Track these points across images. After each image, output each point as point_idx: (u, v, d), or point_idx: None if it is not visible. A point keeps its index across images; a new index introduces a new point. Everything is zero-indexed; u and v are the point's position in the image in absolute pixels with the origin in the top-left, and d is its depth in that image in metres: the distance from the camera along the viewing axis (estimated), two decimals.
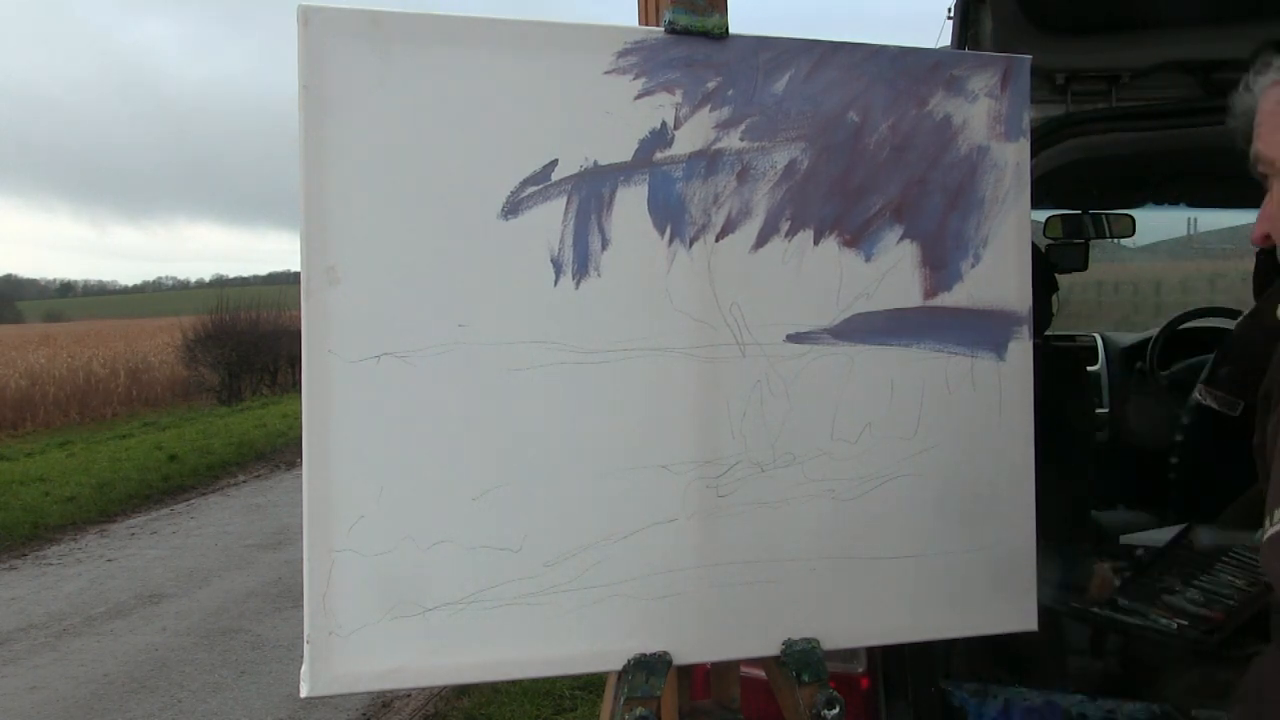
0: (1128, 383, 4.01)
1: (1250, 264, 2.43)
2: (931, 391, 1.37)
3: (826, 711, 1.29)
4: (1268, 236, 0.83)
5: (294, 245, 1.21)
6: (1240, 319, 0.82)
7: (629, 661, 1.25)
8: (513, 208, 1.22)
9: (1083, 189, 3.29)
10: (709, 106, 1.28)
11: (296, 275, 1.19)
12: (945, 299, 1.37)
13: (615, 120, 1.25)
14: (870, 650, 2.39)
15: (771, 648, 1.31)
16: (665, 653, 1.27)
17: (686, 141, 1.27)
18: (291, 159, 1.18)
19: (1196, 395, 0.88)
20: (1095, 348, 4.30)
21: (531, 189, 1.23)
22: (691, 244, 1.28)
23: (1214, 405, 0.91)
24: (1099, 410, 3.72)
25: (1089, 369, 4.16)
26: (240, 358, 16.68)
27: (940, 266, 1.37)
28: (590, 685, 4.14)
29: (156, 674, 4.60)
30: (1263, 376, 0.81)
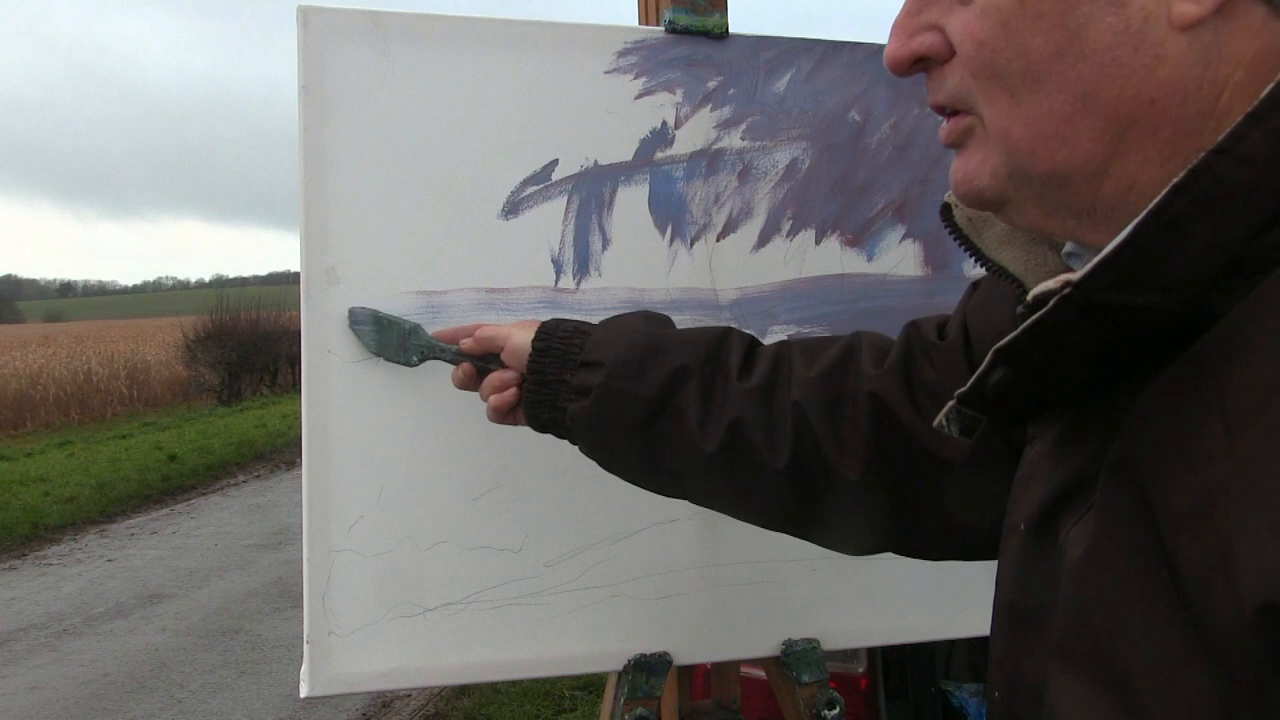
0: None
1: None
2: None
3: (826, 711, 1.29)
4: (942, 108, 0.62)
5: (293, 245, 1.21)
6: (1053, 289, 0.52)
7: (629, 661, 1.25)
8: (513, 207, 1.22)
9: None
10: (710, 106, 1.28)
11: (296, 275, 1.19)
12: (948, 299, 1.37)
13: (616, 120, 1.25)
14: (870, 650, 2.40)
15: (771, 648, 1.31)
16: (665, 653, 1.27)
17: (687, 141, 1.27)
18: (288, 158, 1.18)
19: (941, 420, 0.62)
20: None
21: (532, 189, 1.23)
22: (692, 244, 1.28)
23: (954, 433, 0.63)
24: None
25: None
26: (240, 358, 16.68)
27: (943, 266, 1.37)
28: (590, 685, 4.14)
29: (156, 674, 4.60)
30: (1061, 387, 0.55)
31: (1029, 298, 0.52)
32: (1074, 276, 0.49)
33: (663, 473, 0.97)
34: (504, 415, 1.06)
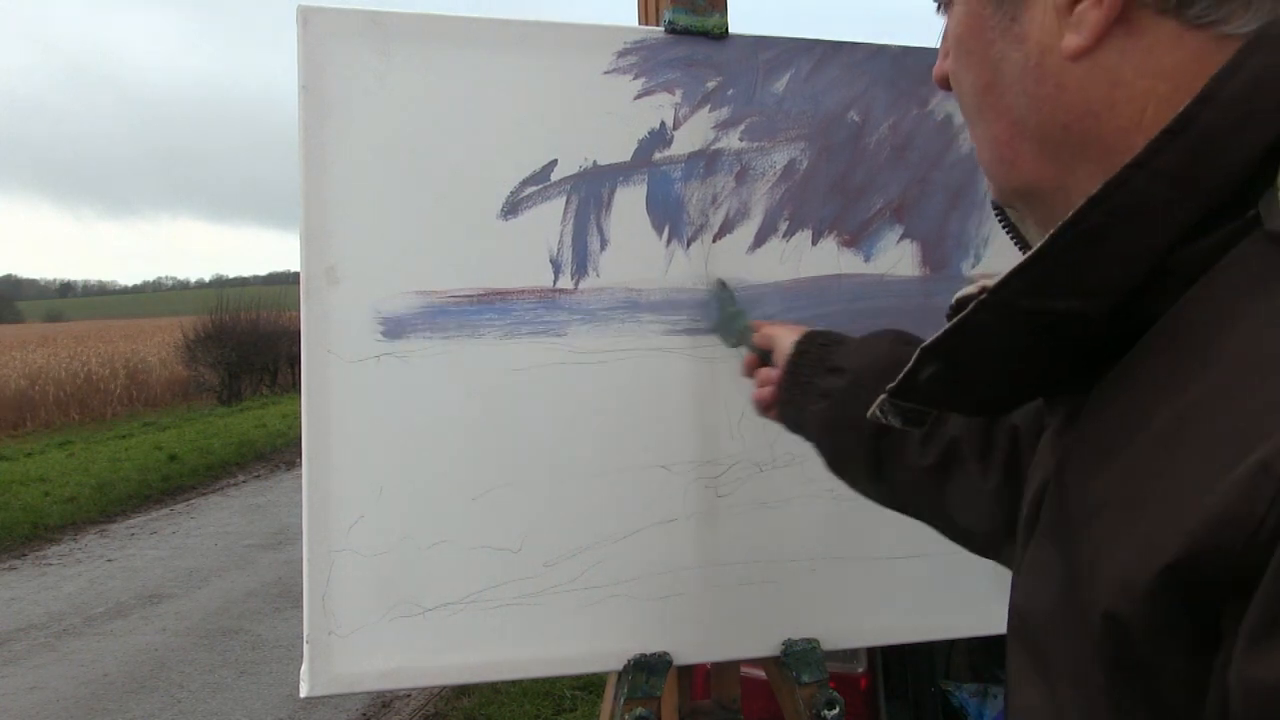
0: None
1: None
2: None
3: (826, 711, 1.29)
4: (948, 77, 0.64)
5: (293, 245, 1.21)
6: (972, 294, 0.62)
7: (629, 661, 1.25)
8: (512, 208, 1.22)
9: None
10: (708, 106, 1.28)
11: (296, 275, 1.19)
12: (946, 299, 1.36)
13: (615, 120, 1.25)
14: (870, 650, 2.40)
15: (771, 648, 1.31)
16: (665, 653, 1.27)
17: (686, 141, 1.27)
18: (288, 158, 1.18)
19: (876, 411, 0.66)
20: None
21: (531, 189, 1.23)
22: (689, 244, 1.28)
23: (895, 423, 0.66)
24: None
25: None
26: (240, 358, 16.68)
27: (941, 266, 1.37)
28: (590, 685, 4.14)
29: (156, 674, 4.59)
30: (1012, 383, 0.57)
31: (953, 300, 0.56)
32: (990, 282, 0.52)
33: (883, 482, 0.99)
34: (763, 409, 1.10)
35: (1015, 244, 0.70)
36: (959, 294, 0.56)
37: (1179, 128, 0.48)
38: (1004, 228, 0.71)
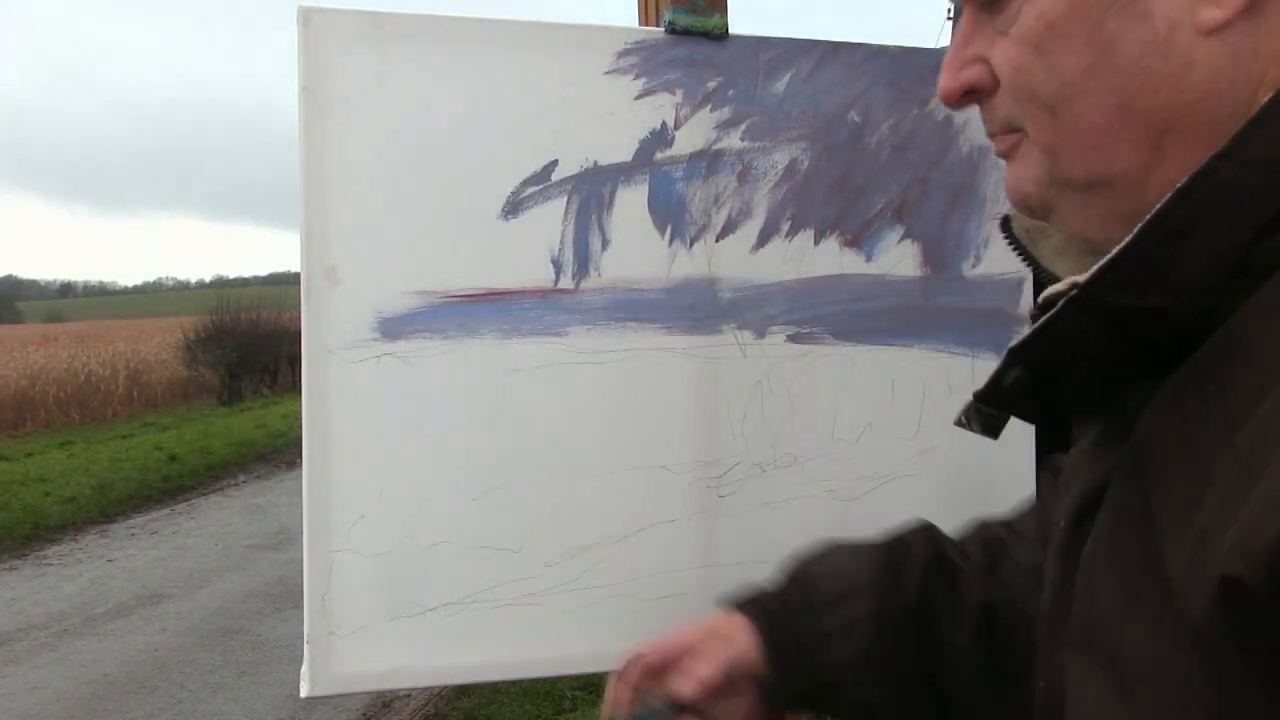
0: None
1: None
2: (932, 392, 1.36)
3: None
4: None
5: (293, 245, 1.21)
6: (1062, 290, 0.56)
7: None
8: (513, 208, 1.22)
9: None
10: (709, 107, 1.28)
11: (296, 275, 1.19)
12: (946, 299, 1.37)
13: (615, 120, 1.25)
14: None
15: None
16: None
17: (687, 142, 1.27)
18: (289, 158, 1.18)
19: (961, 418, 0.65)
20: None
21: (532, 189, 1.23)
22: (692, 244, 1.28)
23: (976, 429, 0.65)
24: None
25: None
26: (240, 358, 16.70)
27: (942, 266, 1.37)
28: (590, 685, 4.15)
29: (156, 674, 4.60)
30: (1083, 388, 0.56)
31: (1039, 299, 0.54)
32: (1081, 278, 0.51)
33: (937, 689, 0.88)
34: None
35: (1023, 261, 0.68)
36: (1047, 292, 0.54)
37: (1263, 119, 0.48)
38: (1008, 242, 0.69)
